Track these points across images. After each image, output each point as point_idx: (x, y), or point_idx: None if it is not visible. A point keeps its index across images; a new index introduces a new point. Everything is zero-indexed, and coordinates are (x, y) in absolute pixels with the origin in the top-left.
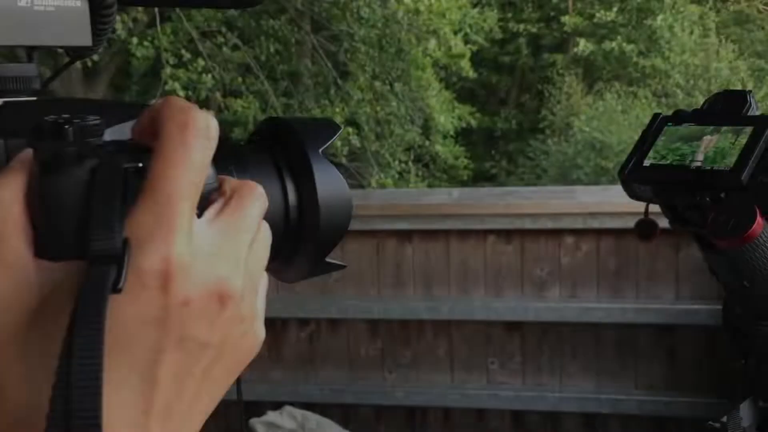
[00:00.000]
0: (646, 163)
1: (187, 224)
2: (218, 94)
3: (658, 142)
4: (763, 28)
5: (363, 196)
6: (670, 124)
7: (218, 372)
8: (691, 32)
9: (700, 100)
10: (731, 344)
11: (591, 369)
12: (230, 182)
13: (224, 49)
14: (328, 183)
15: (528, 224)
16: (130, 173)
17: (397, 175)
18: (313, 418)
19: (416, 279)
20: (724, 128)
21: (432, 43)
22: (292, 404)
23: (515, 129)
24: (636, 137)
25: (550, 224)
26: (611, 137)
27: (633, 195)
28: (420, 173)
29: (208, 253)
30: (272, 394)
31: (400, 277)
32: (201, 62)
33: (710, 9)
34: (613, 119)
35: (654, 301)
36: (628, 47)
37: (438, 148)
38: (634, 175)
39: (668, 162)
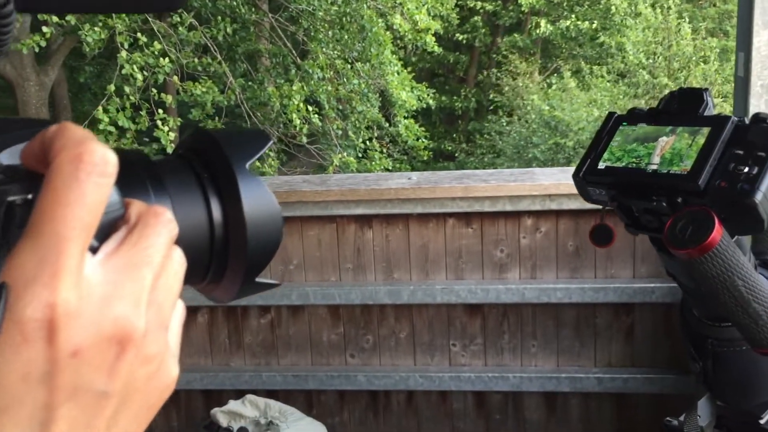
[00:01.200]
0: (601, 165)
1: (76, 266)
2: (176, 78)
3: (613, 143)
4: (714, 5)
5: (321, 181)
6: (625, 123)
7: (125, 420)
8: (653, 6)
9: (663, 80)
10: (688, 346)
11: (551, 349)
12: (137, 207)
13: (180, 29)
14: (256, 199)
15: (487, 207)
16: (17, 206)
17: (360, 153)
18: (275, 406)
19: (377, 264)
20: (680, 129)
21: (398, 18)
22: (254, 392)
23: (473, 108)
24: (591, 115)
25: (509, 206)
26: (568, 116)
27: (588, 198)
28: (384, 150)
29: (101, 294)
30: (234, 383)
31: (361, 262)
32: (158, 45)
33: None
34: (569, 98)
35: (612, 281)
36: (584, 25)
37: (399, 128)
38: (588, 178)
39: (624, 164)
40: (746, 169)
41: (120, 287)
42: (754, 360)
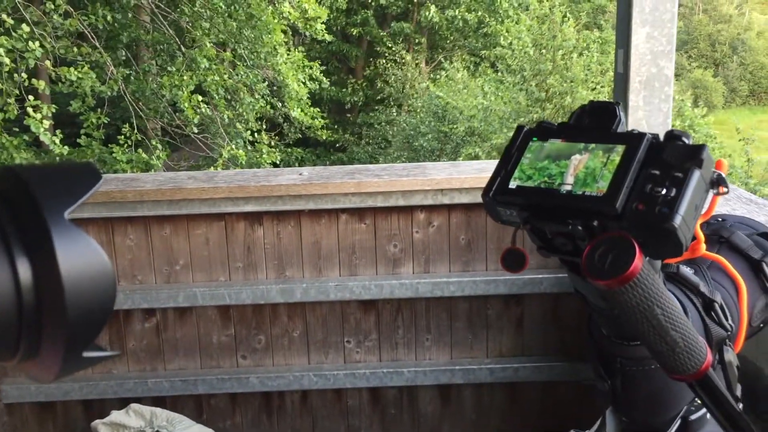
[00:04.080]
0: (512, 184)
1: None
2: (48, 63)
3: (524, 160)
4: (589, 0)
5: (208, 178)
6: (535, 138)
7: None
8: (540, 1)
9: (548, 66)
10: (596, 364)
11: (445, 342)
12: None
13: (54, 16)
14: (76, 255)
15: (380, 202)
16: None
17: (249, 145)
18: (162, 414)
19: (268, 262)
20: (593, 146)
21: (286, 6)
22: (139, 400)
23: (363, 99)
24: (477, 104)
25: (401, 201)
26: (455, 104)
27: (498, 219)
28: (273, 142)
29: None
30: (117, 391)
31: (252, 260)
32: (26, 28)
33: None
34: (457, 87)
35: (503, 273)
36: (471, 16)
37: (295, 112)
38: (499, 198)
39: (536, 184)
40: (663, 191)
41: None
42: (663, 378)
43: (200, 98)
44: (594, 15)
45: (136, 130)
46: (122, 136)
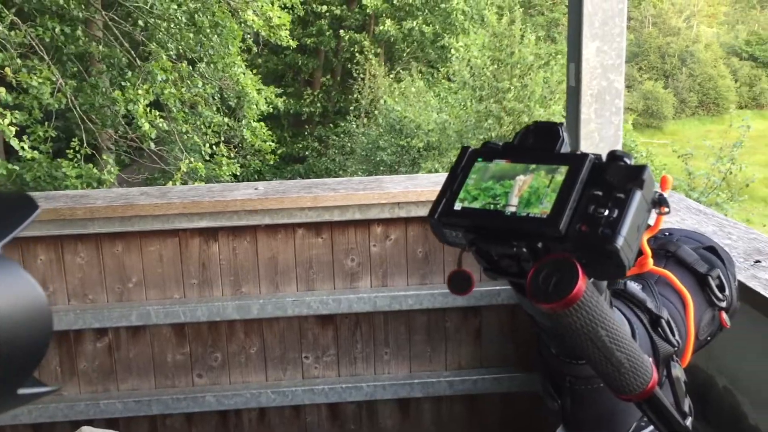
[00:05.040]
0: (457, 206)
1: None
2: (8, 70)
3: (468, 181)
4: (542, 14)
5: (161, 194)
6: (480, 159)
7: None
8: (500, 16)
9: (505, 84)
10: (546, 384)
11: (404, 355)
12: None
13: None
14: (8, 289)
15: (337, 216)
16: None
17: (207, 158)
18: None
19: (224, 278)
20: (537, 167)
21: (250, 14)
22: (91, 422)
23: (321, 111)
24: (436, 118)
25: (358, 215)
26: (412, 119)
27: (444, 240)
28: (233, 155)
29: None
30: (68, 413)
31: (207, 277)
32: None
33: None
34: (414, 100)
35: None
36: (427, 29)
37: (245, 132)
38: (444, 220)
39: (481, 205)
40: (606, 212)
41: None
42: (611, 396)
43: (158, 113)
44: (548, 28)
45: (85, 144)
46: (71, 150)
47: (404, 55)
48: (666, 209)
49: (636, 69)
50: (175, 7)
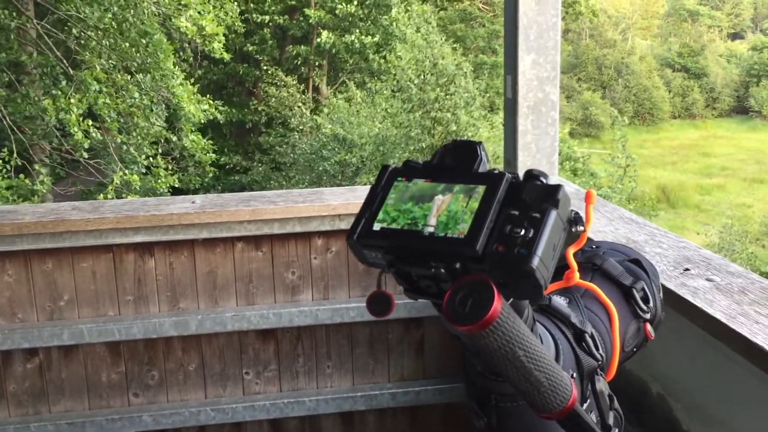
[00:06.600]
0: (376, 226)
1: None
2: None
3: (388, 202)
4: (484, 26)
5: (94, 208)
6: (400, 178)
7: None
8: (417, 29)
9: (431, 95)
10: (472, 402)
11: (347, 368)
12: None
13: None
14: None
15: (276, 229)
16: None
17: (144, 170)
18: None
19: (161, 294)
20: (456, 187)
21: (182, 21)
22: None
23: (264, 121)
24: (376, 129)
25: (299, 228)
26: (354, 129)
27: (364, 261)
28: (170, 167)
29: None
30: None
31: (143, 293)
32: None
33: (436, 8)
34: (355, 111)
35: (402, 296)
36: (368, 40)
37: (186, 142)
38: (363, 241)
39: (400, 226)
40: (522, 232)
41: None
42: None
43: (91, 123)
44: (489, 39)
45: (15, 155)
46: (0, 162)
47: (347, 66)
48: (581, 227)
49: (575, 80)
50: (110, 16)
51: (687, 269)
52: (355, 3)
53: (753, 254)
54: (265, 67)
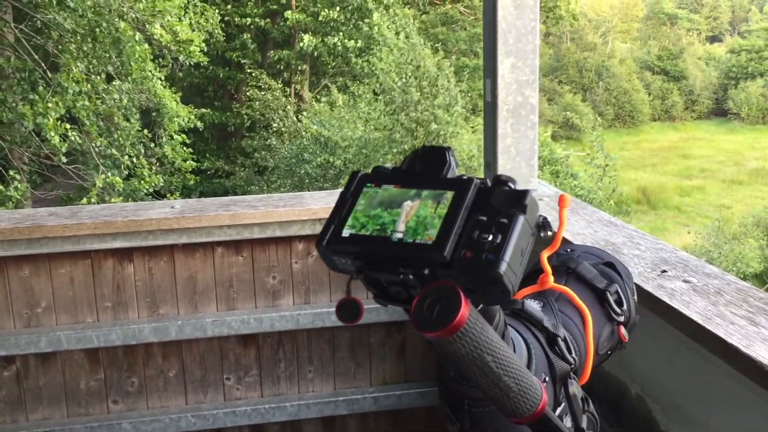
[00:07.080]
0: (345, 233)
1: None
2: None
3: (357, 207)
4: (465, 29)
5: (71, 214)
6: (369, 184)
7: None
8: (397, 33)
9: (415, 96)
10: (445, 407)
11: (328, 373)
12: None
13: None
14: None
15: (257, 233)
16: None
17: (126, 171)
18: None
19: (140, 300)
20: (425, 193)
21: (158, 29)
22: None
23: (246, 124)
24: (359, 132)
25: (279, 232)
26: (336, 132)
27: (334, 268)
28: (153, 168)
29: None
30: None
31: (122, 299)
32: None
33: (418, 11)
34: (338, 114)
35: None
36: (350, 44)
37: (165, 149)
38: (332, 247)
39: (369, 232)
40: (490, 237)
41: None
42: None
43: (68, 126)
44: (470, 42)
45: None
46: None
47: (329, 69)
48: (550, 233)
49: (556, 83)
50: (85, 22)
51: (664, 271)
52: (338, 9)
53: (741, 254)
54: (249, 70)
